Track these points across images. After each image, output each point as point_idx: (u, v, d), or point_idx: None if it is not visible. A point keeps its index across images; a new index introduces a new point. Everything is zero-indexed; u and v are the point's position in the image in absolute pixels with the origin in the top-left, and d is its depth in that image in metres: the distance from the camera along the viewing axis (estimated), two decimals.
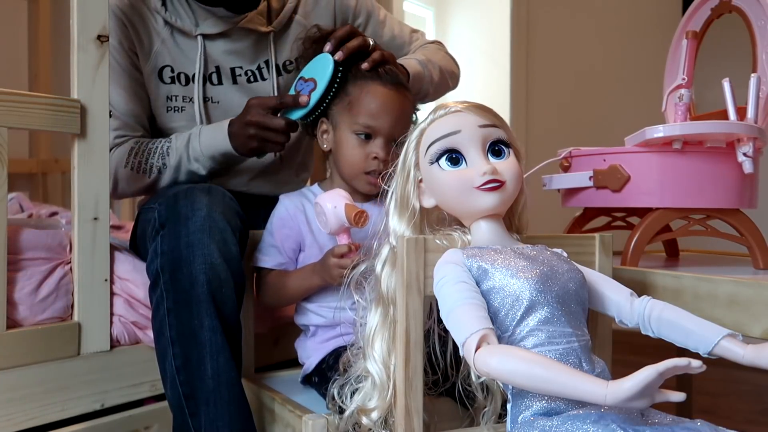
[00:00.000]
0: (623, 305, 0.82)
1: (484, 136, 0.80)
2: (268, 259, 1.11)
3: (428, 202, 0.84)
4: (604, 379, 0.63)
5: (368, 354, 0.84)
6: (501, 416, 0.88)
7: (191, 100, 1.27)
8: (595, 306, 0.82)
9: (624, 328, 0.85)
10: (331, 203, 0.99)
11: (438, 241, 0.81)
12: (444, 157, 0.80)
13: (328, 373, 1.01)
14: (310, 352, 1.10)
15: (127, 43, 1.24)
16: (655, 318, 0.79)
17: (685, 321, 0.77)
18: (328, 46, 1.10)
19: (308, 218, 1.10)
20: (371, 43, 1.13)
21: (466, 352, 0.67)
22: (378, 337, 0.83)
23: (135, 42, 1.24)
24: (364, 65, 1.08)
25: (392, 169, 0.87)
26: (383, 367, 0.83)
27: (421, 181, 0.83)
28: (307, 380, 1.11)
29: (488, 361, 0.65)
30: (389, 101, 1.07)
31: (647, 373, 0.59)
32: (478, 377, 0.87)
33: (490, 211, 0.79)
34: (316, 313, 1.09)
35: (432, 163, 0.81)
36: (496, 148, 0.81)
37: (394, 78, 1.09)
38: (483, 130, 0.80)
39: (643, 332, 0.81)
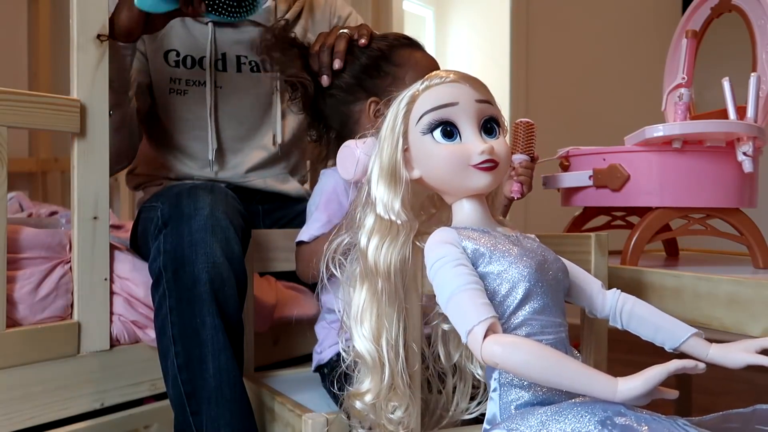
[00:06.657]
0: (595, 297, 0.82)
1: (479, 112, 0.77)
2: (323, 226, 1.04)
3: (413, 174, 0.79)
4: None
5: (357, 334, 0.79)
6: (472, 397, 0.87)
7: (195, 83, 1.31)
8: (568, 297, 0.81)
9: None
10: (354, 143, 0.89)
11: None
12: (438, 129, 0.76)
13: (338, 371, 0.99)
14: (331, 341, 1.06)
15: None
16: (627, 312, 0.80)
17: (655, 317, 0.80)
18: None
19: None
20: (352, 34, 1.11)
21: (472, 340, 0.66)
22: (366, 315, 0.79)
23: None
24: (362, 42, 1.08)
25: (370, 134, 0.83)
26: (374, 345, 0.78)
27: (406, 150, 0.79)
28: (318, 369, 1.09)
29: (496, 351, 0.64)
30: (434, 65, 1.08)
31: (657, 371, 0.60)
32: (449, 359, 0.86)
33: (480, 191, 0.77)
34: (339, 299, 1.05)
35: (425, 134, 0.77)
36: (488, 126, 0.78)
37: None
38: (479, 105, 0.77)
39: (611, 323, 0.83)
